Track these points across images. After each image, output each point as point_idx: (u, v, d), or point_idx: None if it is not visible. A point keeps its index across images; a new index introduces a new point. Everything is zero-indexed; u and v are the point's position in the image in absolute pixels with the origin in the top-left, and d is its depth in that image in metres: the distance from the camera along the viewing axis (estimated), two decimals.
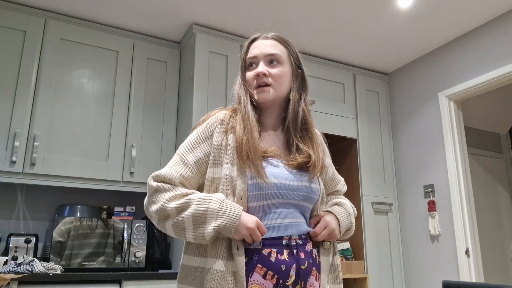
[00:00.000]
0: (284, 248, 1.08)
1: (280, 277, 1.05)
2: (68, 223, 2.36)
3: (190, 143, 1.15)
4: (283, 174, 1.12)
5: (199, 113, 2.64)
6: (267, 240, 1.07)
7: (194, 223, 1.03)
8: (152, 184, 1.10)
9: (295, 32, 2.90)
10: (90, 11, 2.67)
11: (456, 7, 2.65)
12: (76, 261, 2.32)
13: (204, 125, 1.17)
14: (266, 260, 1.05)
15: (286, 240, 1.09)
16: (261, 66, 1.19)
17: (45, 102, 2.51)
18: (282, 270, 1.05)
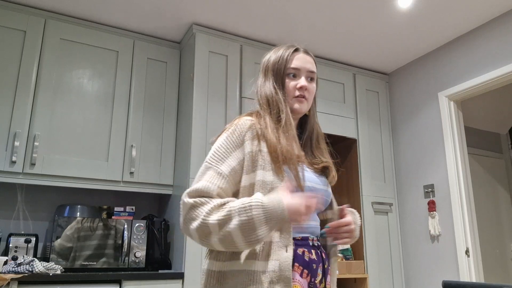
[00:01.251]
0: (312, 249, 1.13)
1: (312, 275, 1.10)
2: (72, 228, 2.36)
3: (221, 152, 1.12)
4: (313, 179, 1.18)
5: (199, 113, 2.64)
6: (298, 240, 1.12)
7: (243, 233, 0.98)
8: (188, 201, 1.04)
9: (295, 32, 2.91)
10: (90, 11, 2.67)
11: (456, 7, 2.65)
12: (76, 261, 2.32)
13: (233, 132, 1.14)
14: (302, 259, 1.10)
15: (311, 241, 1.15)
16: (304, 80, 1.23)
17: (45, 102, 2.51)
18: (313, 269, 1.11)
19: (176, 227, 2.63)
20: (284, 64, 1.24)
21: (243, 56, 2.91)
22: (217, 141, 1.16)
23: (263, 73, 1.29)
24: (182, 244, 2.46)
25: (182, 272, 2.37)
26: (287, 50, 1.26)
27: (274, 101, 1.21)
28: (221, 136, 1.17)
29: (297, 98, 1.22)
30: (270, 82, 1.24)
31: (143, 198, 2.99)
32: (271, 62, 1.27)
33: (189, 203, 1.04)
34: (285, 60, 1.24)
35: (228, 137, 1.14)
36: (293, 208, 0.99)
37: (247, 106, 2.80)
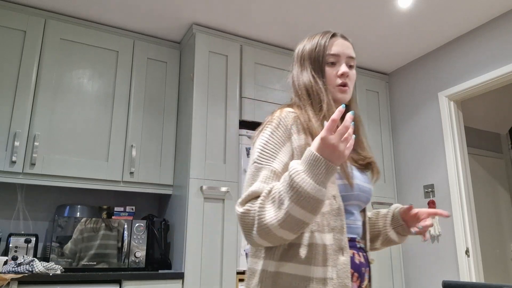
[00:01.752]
0: (359, 251, 1.06)
1: (361, 280, 1.03)
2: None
3: (270, 149, 1.02)
4: (358, 176, 1.11)
5: (199, 113, 2.64)
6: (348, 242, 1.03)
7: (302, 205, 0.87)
8: (240, 211, 0.95)
9: (295, 32, 2.91)
10: (90, 11, 2.67)
11: (456, 7, 2.65)
12: (76, 261, 2.32)
13: (277, 126, 1.04)
14: (353, 262, 1.02)
15: (358, 243, 1.07)
16: (344, 66, 1.14)
17: (45, 102, 2.51)
18: (362, 272, 1.04)
19: (176, 227, 2.63)
20: (323, 51, 1.16)
21: (243, 56, 2.91)
22: (261, 137, 1.05)
23: (298, 62, 1.20)
24: (182, 244, 2.46)
25: (182, 272, 2.37)
26: (324, 36, 1.19)
27: (314, 90, 1.12)
28: (264, 131, 1.06)
29: (339, 87, 1.13)
30: (308, 71, 1.16)
31: (143, 198, 2.99)
32: (306, 50, 1.19)
33: (241, 214, 0.95)
34: (323, 46, 1.16)
35: (273, 132, 1.04)
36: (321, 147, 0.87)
37: (247, 106, 2.80)
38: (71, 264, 2.30)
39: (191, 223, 2.45)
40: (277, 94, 2.95)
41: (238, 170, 2.66)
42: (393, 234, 1.23)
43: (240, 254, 2.52)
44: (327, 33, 1.20)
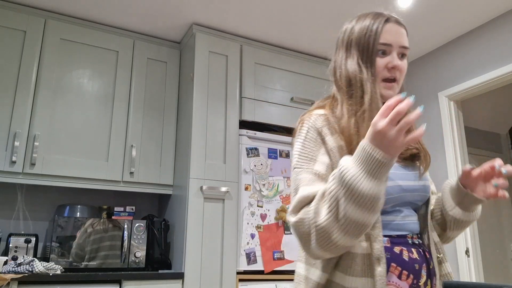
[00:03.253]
0: (412, 247, 0.98)
1: (415, 277, 0.95)
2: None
3: (307, 153, 0.96)
4: (402, 174, 1.01)
5: (199, 113, 2.64)
6: (394, 238, 0.97)
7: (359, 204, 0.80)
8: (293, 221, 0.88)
9: (295, 32, 2.91)
10: (90, 11, 2.67)
11: (456, 7, 2.65)
12: (76, 261, 2.32)
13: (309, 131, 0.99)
14: (400, 258, 0.95)
15: (410, 239, 0.99)
16: (396, 58, 1.02)
17: (45, 102, 2.51)
18: (416, 269, 0.95)
19: (176, 227, 2.63)
20: (374, 39, 1.03)
21: (243, 56, 2.90)
22: (296, 144, 1.00)
23: (344, 47, 1.09)
24: (182, 244, 2.46)
25: (182, 272, 2.37)
26: (377, 20, 1.06)
27: (358, 81, 1.02)
28: (298, 138, 1.01)
29: (385, 82, 1.02)
30: (354, 59, 1.05)
31: (143, 198, 2.99)
32: (355, 34, 1.07)
33: (294, 223, 0.87)
34: (375, 33, 1.03)
35: (307, 137, 0.98)
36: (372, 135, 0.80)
37: (247, 106, 2.80)
38: (71, 264, 2.30)
39: (191, 223, 2.45)
40: (277, 94, 2.95)
41: (238, 170, 2.66)
42: (456, 212, 1.08)
43: (240, 254, 2.52)
44: (379, 16, 1.06)
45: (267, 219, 2.64)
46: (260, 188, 2.67)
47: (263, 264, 2.54)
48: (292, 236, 2.68)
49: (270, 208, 2.67)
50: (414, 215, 1.04)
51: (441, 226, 1.13)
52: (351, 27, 1.10)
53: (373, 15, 1.08)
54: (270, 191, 2.70)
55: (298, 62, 3.11)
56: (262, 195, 2.66)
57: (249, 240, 2.55)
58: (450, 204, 1.09)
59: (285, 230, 2.68)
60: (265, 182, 2.70)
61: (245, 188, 2.63)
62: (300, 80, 3.08)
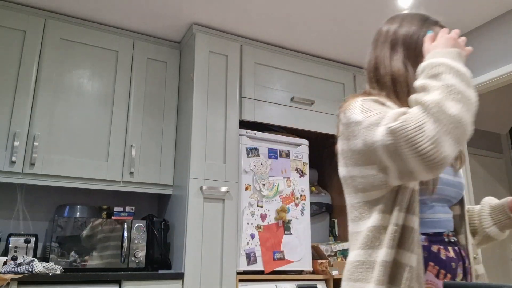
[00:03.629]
0: (448, 245, 0.99)
1: (452, 276, 0.96)
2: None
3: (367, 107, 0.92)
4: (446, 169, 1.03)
5: (199, 113, 2.64)
6: (431, 236, 0.98)
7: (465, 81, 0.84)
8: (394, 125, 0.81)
9: (295, 32, 2.90)
10: (90, 11, 2.67)
11: (456, 7, 2.65)
12: (76, 261, 2.32)
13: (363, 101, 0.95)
14: (437, 257, 0.95)
15: (445, 237, 1.00)
16: None
17: (45, 102, 2.51)
18: (452, 268, 0.96)
19: (176, 227, 2.63)
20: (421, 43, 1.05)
21: (243, 56, 2.90)
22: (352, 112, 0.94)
23: (389, 44, 1.08)
24: (182, 244, 2.46)
25: (182, 272, 2.37)
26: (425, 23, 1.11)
27: (403, 79, 1.02)
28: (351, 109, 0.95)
29: None
30: (399, 56, 1.05)
31: (143, 198, 2.99)
32: (401, 33, 1.08)
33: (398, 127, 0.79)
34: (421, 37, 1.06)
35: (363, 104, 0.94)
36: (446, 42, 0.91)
37: (247, 106, 2.80)
38: (71, 264, 2.30)
39: (191, 223, 2.45)
40: (277, 94, 2.95)
41: (238, 170, 2.66)
42: (492, 231, 1.14)
43: (240, 254, 2.52)
44: (427, 19, 1.12)
45: (267, 219, 2.64)
46: (260, 188, 2.67)
47: (263, 264, 2.54)
48: (292, 236, 2.68)
49: (270, 208, 2.66)
50: (450, 212, 1.05)
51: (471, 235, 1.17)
52: (397, 27, 1.12)
53: (420, 16, 1.13)
54: (270, 191, 2.70)
55: (298, 62, 3.11)
56: (262, 195, 2.66)
57: (249, 240, 2.55)
58: (488, 222, 1.15)
59: (285, 230, 2.68)
60: (265, 182, 2.69)
61: (245, 188, 2.63)
62: (300, 80, 3.08)
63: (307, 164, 2.91)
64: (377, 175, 0.90)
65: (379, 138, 0.84)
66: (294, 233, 2.70)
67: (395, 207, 0.90)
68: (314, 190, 3.27)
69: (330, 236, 3.28)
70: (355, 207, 0.98)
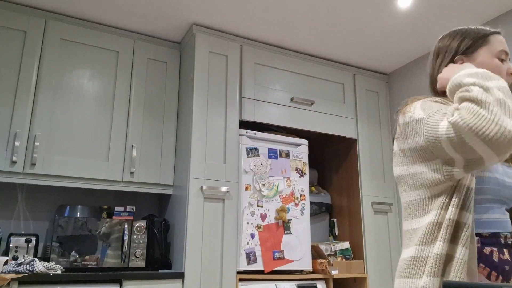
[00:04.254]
0: (504, 247, 1.00)
1: (505, 278, 0.97)
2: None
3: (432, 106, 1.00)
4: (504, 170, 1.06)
5: (199, 113, 2.64)
6: (486, 238, 1.00)
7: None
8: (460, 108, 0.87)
9: (295, 32, 2.91)
10: (90, 11, 2.67)
11: (456, 7, 2.65)
12: (77, 261, 2.32)
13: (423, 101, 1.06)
14: (489, 259, 0.98)
15: (503, 239, 1.01)
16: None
17: (45, 102, 2.52)
18: (506, 271, 0.98)
19: (176, 227, 2.63)
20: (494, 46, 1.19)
21: (243, 56, 2.91)
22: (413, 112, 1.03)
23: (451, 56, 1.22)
24: (182, 244, 2.47)
25: (182, 272, 2.38)
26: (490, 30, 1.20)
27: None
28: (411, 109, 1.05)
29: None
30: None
31: (143, 198, 3.00)
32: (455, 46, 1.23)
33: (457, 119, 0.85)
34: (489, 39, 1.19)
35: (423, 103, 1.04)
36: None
37: (247, 106, 2.81)
38: (72, 264, 2.30)
39: (191, 223, 2.45)
40: (277, 94, 2.95)
41: (238, 170, 2.66)
42: None
43: (240, 254, 2.52)
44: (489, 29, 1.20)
45: (267, 219, 2.64)
46: (260, 188, 2.67)
47: (263, 264, 2.54)
48: (292, 236, 2.69)
49: (270, 208, 2.67)
50: (507, 214, 1.06)
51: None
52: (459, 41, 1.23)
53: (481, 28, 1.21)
54: (270, 191, 2.70)
55: (298, 62, 3.11)
56: (262, 195, 2.67)
57: (249, 240, 2.56)
58: None
59: (285, 230, 2.69)
60: (265, 182, 2.70)
61: (245, 188, 2.63)
62: (300, 80, 3.08)
63: (307, 164, 2.91)
64: (441, 169, 0.95)
65: (443, 132, 0.89)
66: (294, 233, 2.71)
67: (451, 203, 0.94)
68: (314, 190, 3.28)
69: (329, 236, 3.29)
70: (411, 205, 1.02)
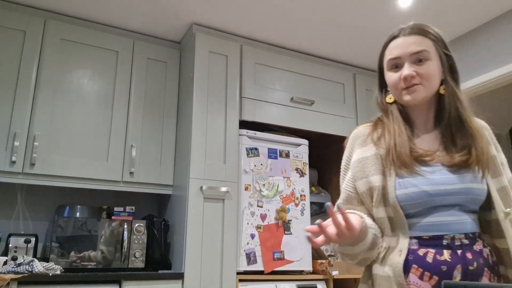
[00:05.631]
0: (444, 249, 1.01)
1: (441, 278, 0.98)
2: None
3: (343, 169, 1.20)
4: (440, 179, 1.04)
5: (199, 113, 2.64)
6: (424, 240, 1.02)
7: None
8: None
9: (295, 32, 2.91)
10: (90, 11, 2.67)
11: (456, 7, 2.65)
12: (76, 261, 2.32)
13: (347, 147, 1.20)
14: (422, 260, 1.00)
15: (447, 240, 1.01)
16: (407, 68, 1.09)
17: (45, 102, 2.51)
18: (442, 271, 0.99)
19: (176, 227, 2.63)
20: (382, 58, 1.21)
21: (243, 56, 2.90)
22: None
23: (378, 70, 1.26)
24: (182, 244, 2.46)
25: (182, 272, 2.37)
26: (385, 41, 1.19)
27: (377, 101, 1.25)
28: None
29: (405, 89, 1.11)
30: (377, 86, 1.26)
31: (143, 198, 2.99)
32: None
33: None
34: (382, 52, 1.20)
35: (344, 154, 1.21)
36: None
37: (247, 106, 2.80)
38: (71, 264, 2.30)
39: (191, 223, 2.45)
40: (277, 94, 2.95)
41: (238, 170, 2.66)
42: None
43: (240, 254, 2.52)
44: (389, 36, 1.18)
45: (267, 219, 2.64)
46: (260, 188, 2.67)
47: (263, 264, 2.54)
48: (292, 236, 2.68)
49: (270, 208, 2.66)
50: (462, 215, 1.04)
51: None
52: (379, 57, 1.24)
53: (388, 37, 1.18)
54: (270, 191, 2.70)
55: (298, 62, 3.11)
56: (262, 195, 2.66)
57: (249, 240, 2.55)
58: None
59: (285, 230, 2.68)
60: (265, 182, 2.69)
61: (245, 188, 2.63)
62: (300, 80, 3.08)
63: (307, 164, 2.91)
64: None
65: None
66: (294, 233, 2.70)
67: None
68: (314, 190, 3.27)
69: None
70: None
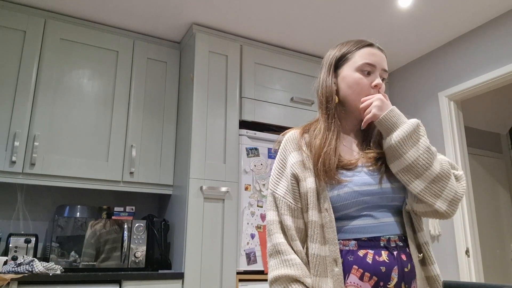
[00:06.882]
0: (382, 250, 1.03)
1: (380, 279, 1.00)
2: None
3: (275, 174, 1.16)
4: (365, 180, 1.08)
5: (199, 113, 2.64)
6: (363, 241, 1.04)
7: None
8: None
9: (295, 32, 2.91)
10: (90, 11, 2.67)
11: (456, 7, 2.65)
12: (76, 261, 2.32)
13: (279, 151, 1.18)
14: (363, 261, 1.02)
15: (384, 242, 1.04)
16: (379, 78, 1.15)
17: (45, 102, 2.51)
18: (381, 272, 1.01)
19: (176, 227, 2.63)
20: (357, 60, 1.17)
21: (243, 56, 2.90)
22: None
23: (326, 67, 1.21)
24: (182, 244, 2.46)
25: (182, 272, 2.37)
26: (359, 43, 1.19)
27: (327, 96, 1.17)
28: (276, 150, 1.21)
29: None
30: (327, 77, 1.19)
31: (143, 198, 2.99)
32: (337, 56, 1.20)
33: None
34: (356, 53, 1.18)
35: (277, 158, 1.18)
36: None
37: (247, 106, 2.80)
38: (71, 264, 2.30)
39: (191, 223, 2.45)
40: (277, 94, 2.95)
41: (238, 170, 2.66)
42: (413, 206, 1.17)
43: (240, 254, 2.52)
44: (362, 41, 1.19)
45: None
46: (260, 188, 2.67)
47: (263, 264, 2.54)
48: None
49: None
50: (391, 217, 1.08)
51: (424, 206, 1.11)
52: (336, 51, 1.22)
53: (356, 41, 1.20)
54: None
55: (298, 62, 3.11)
56: (262, 195, 2.66)
57: (249, 240, 2.55)
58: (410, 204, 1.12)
59: None
60: (265, 182, 2.69)
61: (245, 188, 2.63)
62: (300, 80, 3.08)
63: None
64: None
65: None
66: None
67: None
68: None
69: None
70: None
